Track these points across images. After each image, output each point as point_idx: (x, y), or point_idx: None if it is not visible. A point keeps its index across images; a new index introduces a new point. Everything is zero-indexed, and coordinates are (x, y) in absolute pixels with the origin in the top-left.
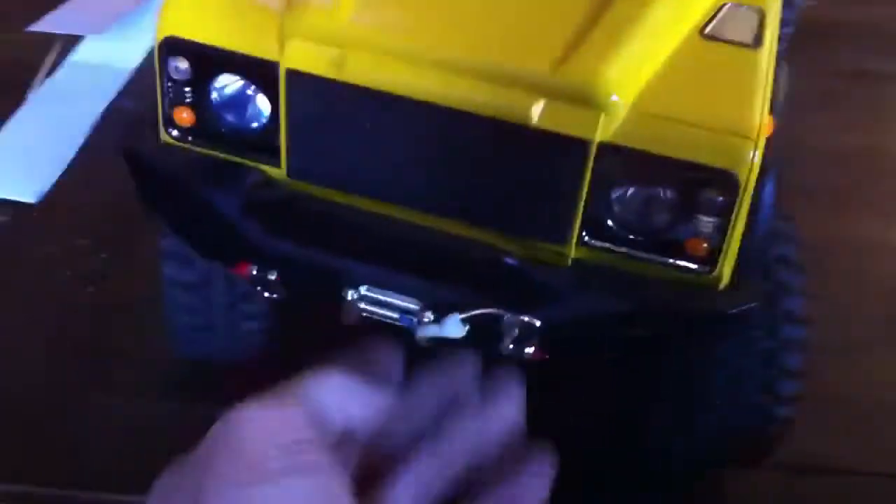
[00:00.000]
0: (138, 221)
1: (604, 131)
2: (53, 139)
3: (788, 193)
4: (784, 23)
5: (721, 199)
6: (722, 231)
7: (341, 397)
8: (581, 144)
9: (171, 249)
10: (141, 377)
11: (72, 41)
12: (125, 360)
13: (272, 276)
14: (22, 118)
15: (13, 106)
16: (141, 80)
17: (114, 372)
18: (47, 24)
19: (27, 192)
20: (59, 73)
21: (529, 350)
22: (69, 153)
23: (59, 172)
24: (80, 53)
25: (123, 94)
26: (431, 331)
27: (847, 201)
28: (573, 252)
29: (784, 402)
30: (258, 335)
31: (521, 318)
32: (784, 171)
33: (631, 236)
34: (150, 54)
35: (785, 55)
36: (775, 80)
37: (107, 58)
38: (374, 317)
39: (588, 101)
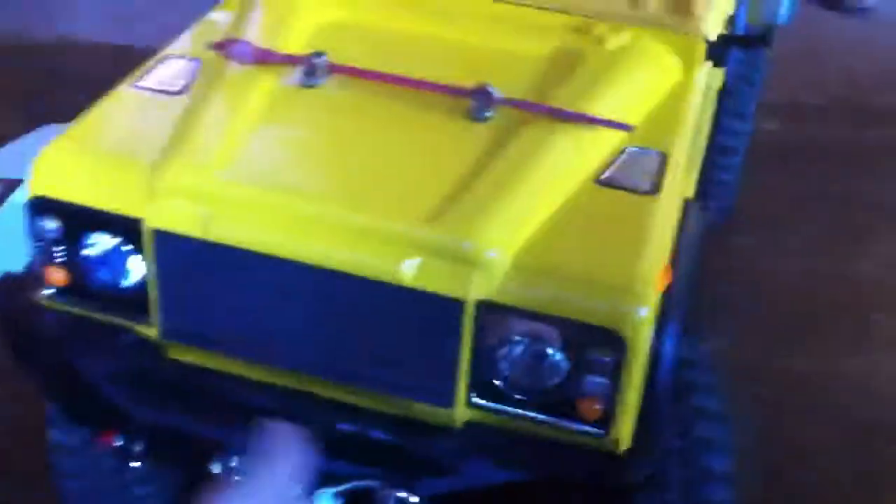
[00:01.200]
0: None
1: (482, 289)
2: None
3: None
4: (731, 151)
5: (608, 358)
6: (614, 391)
7: None
8: (455, 304)
9: (54, 414)
10: None
11: (12, 185)
12: None
13: (138, 448)
14: None
15: None
16: None
17: None
18: None
19: None
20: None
21: None
22: None
23: None
24: (21, 194)
25: None
26: None
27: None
28: (462, 414)
29: None
30: (151, 500)
31: (397, 492)
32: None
33: (522, 396)
34: None
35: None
36: (681, 228)
37: None
38: None
39: (463, 258)
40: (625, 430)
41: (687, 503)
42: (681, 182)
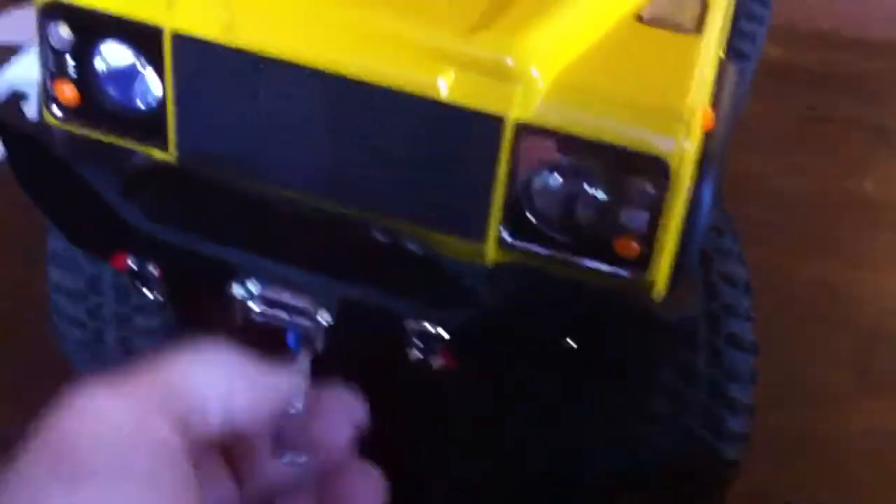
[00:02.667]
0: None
1: (521, 109)
2: None
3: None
4: (743, 55)
5: (651, 190)
6: (654, 228)
7: (223, 381)
8: (495, 121)
9: (56, 251)
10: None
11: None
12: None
13: (153, 271)
14: None
15: None
16: None
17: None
18: None
19: None
20: None
21: (438, 360)
22: None
23: None
24: (12, 71)
25: None
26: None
27: (804, 243)
28: (492, 253)
29: (731, 440)
30: (153, 335)
31: (424, 324)
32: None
33: (555, 235)
34: None
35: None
36: (719, 76)
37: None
38: (265, 318)
39: (504, 72)
40: (661, 273)
41: (711, 369)
42: (719, 31)
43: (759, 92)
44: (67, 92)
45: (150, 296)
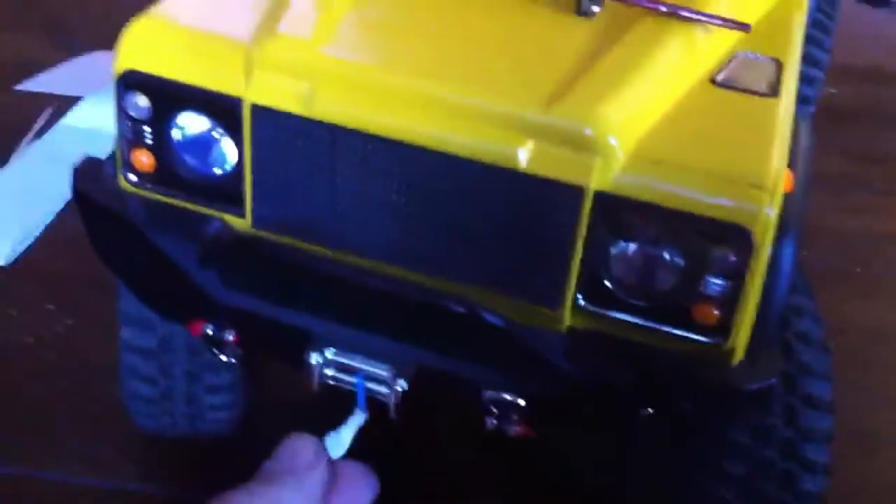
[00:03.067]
0: (109, 289)
1: (601, 179)
2: (33, 202)
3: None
4: (805, 99)
5: (733, 258)
6: (734, 296)
7: None
8: (575, 191)
9: (129, 312)
10: (93, 448)
11: (66, 104)
12: (78, 430)
13: (229, 337)
14: (2, 179)
15: None
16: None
17: (66, 440)
18: (39, 83)
19: None
20: (48, 136)
21: (514, 429)
22: (47, 217)
23: (33, 236)
24: (73, 116)
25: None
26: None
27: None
28: (568, 319)
29: (807, 501)
30: (221, 411)
31: (503, 394)
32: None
33: (632, 301)
34: None
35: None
36: (794, 136)
37: (101, 122)
38: (341, 385)
39: (583, 144)
40: (741, 340)
41: (788, 429)
42: (793, 91)
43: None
44: (144, 159)
45: (225, 359)
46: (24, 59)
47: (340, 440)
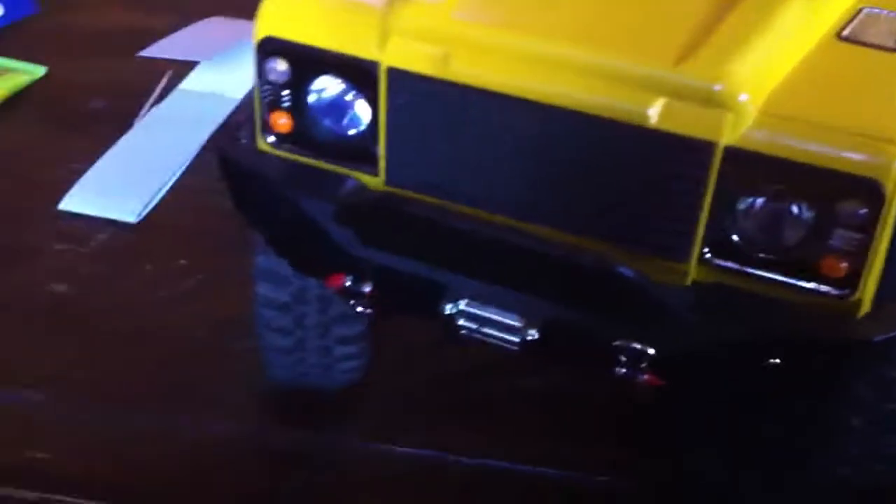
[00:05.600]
0: (237, 244)
1: (730, 134)
2: (157, 162)
3: None
4: None
5: (863, 211)
6: (863, 248)
7: None
8: (705, 147)
9: (265, 267)
10: (227, 398)
11: (184, 68)
12: (212, 380)
13: (366, 289)
14: (128, 142)
15: (121, 131)
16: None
17: (200, 390)
18: (158, 49)
19: (128, 211)
20: (168, 100)
21: (643, 377)
22: (171, 176)
23: (160, 194)
24: (191, 81)
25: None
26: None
27: None
28: (694, 272)
29: None
30: (351, 360)
31: (633, 344)
32: None
33: (759, 255)
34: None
35: None
36: None
37: (217, 86)
38: (473, 335)
39: (713, 100)
40: (868, 292)
41: None
42: None
43: None
44: (282, 121)
45: (361, 311)
46: (144, 28)
47: None
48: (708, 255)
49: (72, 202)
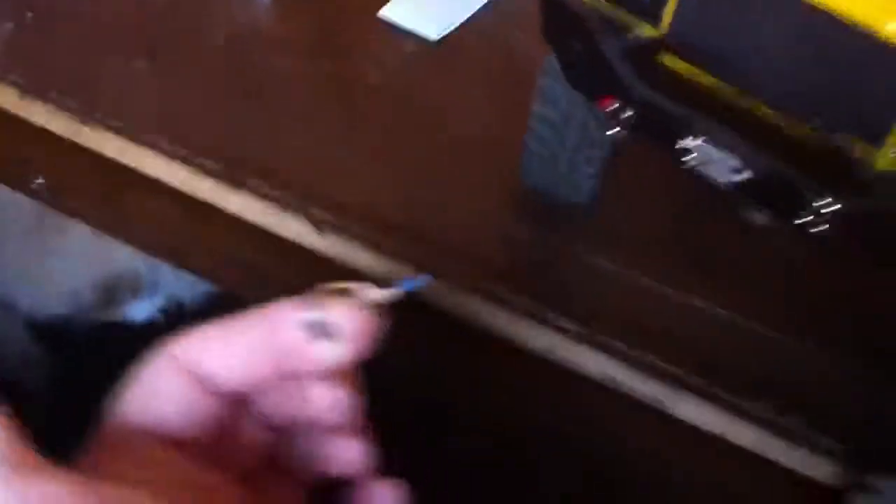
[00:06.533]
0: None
1: None
2: None
3: None
4: None
5: None
6: None
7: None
8: None
9: (544, 88)
10: (480, 202)
11: None
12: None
13: (628, 113)
14: None
15: None
16: None
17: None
18: None
19: (431, 29)
20: None
21: (822, 227)
22: (476, 4)
23: (462, 18)
24: None
25: None
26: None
27: None
28: (882, 161)
29: None
30: (591, 179)
31: (822, 198)
32: None
33: None
34: None
35: None
36: None
37: None
38: (696, 169)
39: None
40: None
41: None
42: None
43: None
44: None
45: (616, 131)
46: None
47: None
48: None
49: (390, 12)
